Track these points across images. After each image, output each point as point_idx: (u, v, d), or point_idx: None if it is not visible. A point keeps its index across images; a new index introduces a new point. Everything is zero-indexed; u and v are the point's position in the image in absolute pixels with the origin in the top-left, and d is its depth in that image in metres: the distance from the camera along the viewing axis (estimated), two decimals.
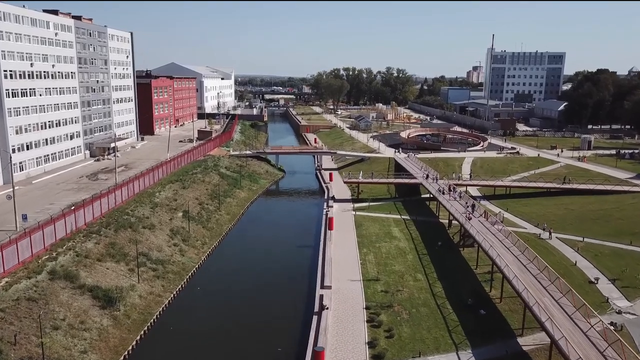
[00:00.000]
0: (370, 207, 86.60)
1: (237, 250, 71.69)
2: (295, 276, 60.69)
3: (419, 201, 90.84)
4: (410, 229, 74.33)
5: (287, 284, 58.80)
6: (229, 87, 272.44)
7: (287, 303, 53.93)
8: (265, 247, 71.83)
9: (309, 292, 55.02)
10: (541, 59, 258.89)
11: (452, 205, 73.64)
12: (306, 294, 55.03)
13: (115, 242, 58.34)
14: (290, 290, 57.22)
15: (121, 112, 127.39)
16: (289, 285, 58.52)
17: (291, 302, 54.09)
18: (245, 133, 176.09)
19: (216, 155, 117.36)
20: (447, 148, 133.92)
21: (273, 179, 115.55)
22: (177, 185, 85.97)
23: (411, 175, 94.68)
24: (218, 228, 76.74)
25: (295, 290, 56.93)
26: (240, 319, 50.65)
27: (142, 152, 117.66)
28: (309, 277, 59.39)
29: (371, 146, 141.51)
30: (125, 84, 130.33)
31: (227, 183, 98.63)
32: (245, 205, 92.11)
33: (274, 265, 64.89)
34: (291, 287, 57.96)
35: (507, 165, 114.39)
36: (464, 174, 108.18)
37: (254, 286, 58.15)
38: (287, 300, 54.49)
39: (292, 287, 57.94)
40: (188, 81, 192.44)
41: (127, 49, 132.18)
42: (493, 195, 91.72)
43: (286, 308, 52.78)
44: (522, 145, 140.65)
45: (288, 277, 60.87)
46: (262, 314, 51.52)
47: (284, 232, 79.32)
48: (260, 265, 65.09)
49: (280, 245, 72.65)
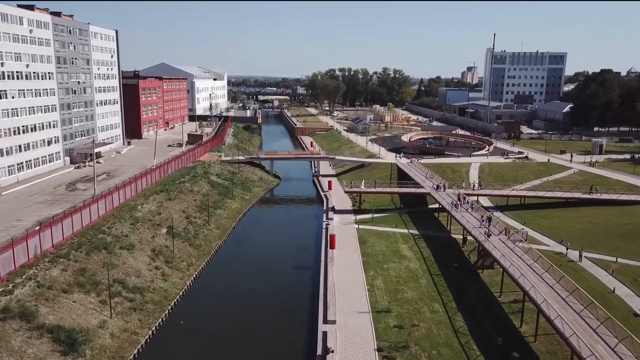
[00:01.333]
0: (375, 219, 79.23)
1: (227, 272, 63.92)
2: (294, 306, 52.99)
3: (426, 213, 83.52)
4: (420, 246, 66.97)
5: (284, 317, 50.97)
6: (222, 88, 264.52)
7: (284, 342, 46.28)
8: (258, 269, 64.14)
9: (309, 328, 47.48)
10: (542, 59, 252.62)
11: (466, 218, 66.43)
12: (307, 330, 47.49)
13: (86, 268, 50.59)
14: (288, 325, 49.50)
15: (105, 115, 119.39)
16: (286, 318, 50.69)
17: (289, 341, 46.45)
18: (238, 136, 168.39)
19: (206, 161, 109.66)
20: (451, 152, 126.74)
21: (267, 186, 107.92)
22: (162, 197, 78.21)
23: (417, 184, 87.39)
24: (206, 245, 69.06)
25: (294, 325, 49.31)
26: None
27: (127, 158, 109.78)
28: (310, 307, 51.80)
29: (371, 150, 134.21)
30: (109, 85, 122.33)
31: (217, 192, 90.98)
32: (237, 217, 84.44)
33: (268, 292, 57.17)
34: (289, 320, 50.21)
35: (516, 171, 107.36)
36: (472, 181, 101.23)
37: (245, 319, 50.37)
38: (285, 339, 46.83)
39: (290, 320, 50.19)
40: (178, 82, 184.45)
41: (111, 48, 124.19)
42: (506, 205, 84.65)
43: (283, 350, 45.16)
44: (529, 149, 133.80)
45: (284, 307, 53.08)
46: (255, 358, 43.95)
47: (279, 249, 71.76)
48: (253, 291, 57.42)
49: (275, 266, 64.97)
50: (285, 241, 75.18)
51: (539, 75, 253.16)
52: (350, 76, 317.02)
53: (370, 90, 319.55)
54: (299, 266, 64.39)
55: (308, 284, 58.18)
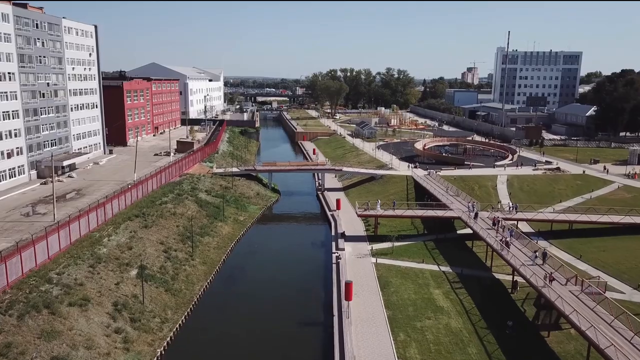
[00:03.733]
0: (395, 249, 65.32)
1: (211, 330, 49.72)
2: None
3: (456, 241, 69.53)
4: (457, 291, 53.08)
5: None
6: (218, 89, 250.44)
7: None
8: (251, 326, 49.92)
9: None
10: (556, 59, 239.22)
11: (511, 252, 52.67)
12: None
13: (12, 343, 36.65)
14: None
15: (82, 121, 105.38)
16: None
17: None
18: (234, 142, 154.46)
19: (195, 175, 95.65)
20: (471, 162, 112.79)
21: (265, 203, 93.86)
22: (136, 224, 64.17)
23: (443, 205, 73.57)
24: (188, 289, 55.04)
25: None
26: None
27: (106, 170, 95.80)
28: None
29: (380, 159, 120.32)
30: (87, 87, 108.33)
31: (206, 214, 77.05)
32: (229, 246, 70.38)
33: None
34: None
35: (551, 186, 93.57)
36: (501, 198, 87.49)
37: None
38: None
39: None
40: (170, 83, 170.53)
41: (90, 45, 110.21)
42: (550, 231, 70.90)
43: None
44: (555, 158, 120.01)
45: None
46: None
47: (279, 293, 57.59)
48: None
49: (273, 322, 50.44)
50: (286, 281, 60.95)
51: (553, 76, 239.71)
52: (352, 77, 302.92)
53: (374, 92, 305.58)
54: (305, 321, 50.34)
55: (318, 351, 44.26)
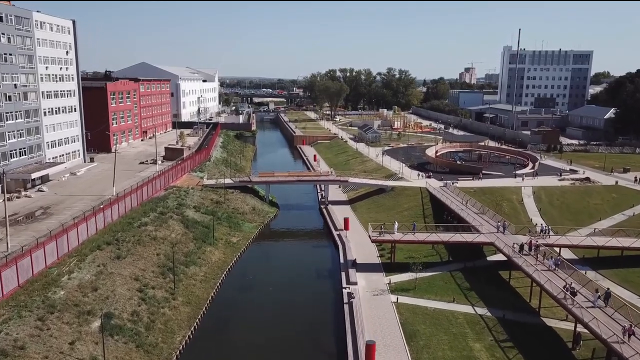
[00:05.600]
0: (418, 282, 54.62)
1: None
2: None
3: (488, 270, 58.73)
4: (503, 345, 42.39)
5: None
6: (212, 90, 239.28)
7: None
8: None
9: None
10: (565, 58, 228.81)
11: (577, 302, 42.11)
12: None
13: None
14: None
15: (57, 126, 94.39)
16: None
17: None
18: (229, 147, 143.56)
19: (183, 187, 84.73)
20: (488, 171, 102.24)
21: (262, 220, 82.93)
22: (107, 254, 53.29)
23: (469, 225, 62.91)
24: (165, 343, 44.12)
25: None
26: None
27: (83, 182, 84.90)
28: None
29: (388, 167, 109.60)
30: (64, 89, 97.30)
31: (193, 236, 66.17)
32: (219, 277, 59.34)
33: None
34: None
35: (584, 200, 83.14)
36: (530, 214, 77.07)
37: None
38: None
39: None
40: (160, 84, 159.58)
41: (67, 42, 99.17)
42: (597, 257, 60.39)
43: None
44: (578, 165, 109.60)
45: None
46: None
47: (278, 350, 46.88)
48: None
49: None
50: (287, 331, 49.68)
51: (562, 76, 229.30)
52: (352, 77, 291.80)
53: (374, 93, 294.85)
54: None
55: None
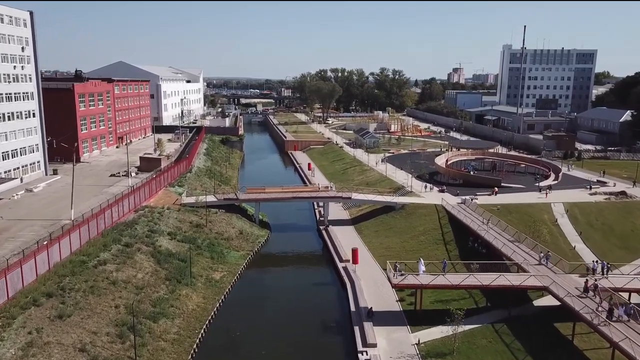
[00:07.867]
0: (461, 344, 42.01)
1: None
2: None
3: (539, 320, 46.24)
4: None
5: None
6: (197, 91, 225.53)
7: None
8: None
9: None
10: (568, 57, 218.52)
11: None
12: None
13: None
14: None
15: (10, 135, 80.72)
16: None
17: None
18: (213, 154, 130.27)
19: (158, 208, 71.39)
20: (507, 183, 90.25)
21: (251, 247, 69.78)
22: (46, 312, 39.97)
23: (512, 263, 50.51)
24: None
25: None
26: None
27: (39, 201, 71.38)
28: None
29: (393, 178, 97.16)
30: (19, 91, 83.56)
31: (165, 276, 53.02)
32: (196, 334, 46.02)
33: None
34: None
35: (627, 220, 71.57)
36: (570, 239, 65.09)
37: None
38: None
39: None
40: (138, 85, 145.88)
41: (23, 37, 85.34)
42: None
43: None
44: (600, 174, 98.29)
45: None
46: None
47: None
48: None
49: None
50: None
51: (565, 77, 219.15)
52: (343, 77, 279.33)
53: (367, 94, 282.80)
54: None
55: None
